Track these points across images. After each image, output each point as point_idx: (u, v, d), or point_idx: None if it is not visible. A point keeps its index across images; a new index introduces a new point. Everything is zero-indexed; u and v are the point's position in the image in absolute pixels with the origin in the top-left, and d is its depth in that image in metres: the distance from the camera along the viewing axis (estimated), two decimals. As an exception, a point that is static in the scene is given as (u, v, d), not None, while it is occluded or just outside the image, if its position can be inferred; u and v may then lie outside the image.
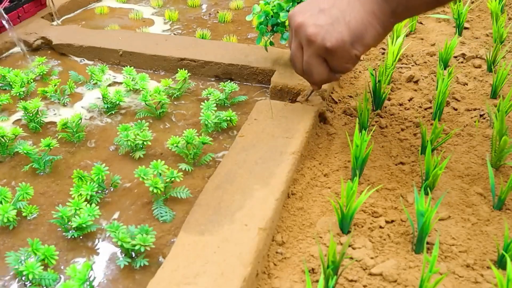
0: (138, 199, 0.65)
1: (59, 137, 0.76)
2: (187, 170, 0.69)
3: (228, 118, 0.76)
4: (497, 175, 0.65)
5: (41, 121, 0.80)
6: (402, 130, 0.76)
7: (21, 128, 0.75)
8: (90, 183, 0.64)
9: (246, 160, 0.64)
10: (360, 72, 0.92)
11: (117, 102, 0.82)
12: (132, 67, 0.91)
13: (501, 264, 0.53)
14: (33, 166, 0.70)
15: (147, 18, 1.22)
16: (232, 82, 0.89)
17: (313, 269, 0.53)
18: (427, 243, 0.55)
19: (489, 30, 1.07)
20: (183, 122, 0.81)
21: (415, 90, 0.87)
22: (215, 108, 0.78)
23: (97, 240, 0.60)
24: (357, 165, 0.64)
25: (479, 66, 0.93)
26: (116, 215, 0.63)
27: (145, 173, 0.62)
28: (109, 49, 0.98)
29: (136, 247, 0.54)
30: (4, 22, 0.98)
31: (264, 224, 0.54)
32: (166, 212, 0.62)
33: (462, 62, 0.95)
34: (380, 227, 0.58)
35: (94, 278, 0.54)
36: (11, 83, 0.88)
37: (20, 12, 1.08)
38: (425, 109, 0.81)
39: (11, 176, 0.70)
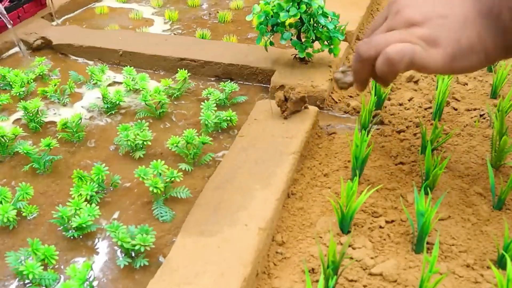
0: (138, 199, 0.65)
1: (59, 137, 0.76)
2: (187, 170, 0.69)
3: (228, 118, 0.76)
4: (497, 175, 0.65)
5: (41, 121, 0.80)
6: (402, 130, 0.76)
7: (21, 128, 0.75)
8: (90, 183, 0.64)
9: (246, 160, 0.64)
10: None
11: (117, 102, 0.82)
12: (132, 67, 0.91)
13: (501, 264, 0.53)
14: (33, 166, 0.70)
15: (147, 18, 1.22)
16: (232, 82, 0.89)
17: (313, 269, 0.53)
18: (427, 243, 0.55)
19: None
20: (183, 122, 0.81)
21: (415, 90, 0.87)
22: (215, 108, 0.78)
23: (97, 240, 0.60)
24: (357, 165, 0.64)
25: (479, 66, 0.93)
26: (116, 215, 0.63)
27: (145, 173, 0.62)
28: (109, 49, 0.98)
29: (136, 247, 0.54)
30: (5, 21, 0.99)
31: (264, 224, 0.54)
32: (166, 212, 0.62)
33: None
34: (380, 227, 0.58)
35: (94, 278, 0.54)
36: (11, 83, 0.88)
37: (20, 12, 1.08)
38: (425, 109, 0.81)
39: (11, 176, 0.70)
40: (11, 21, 1.00)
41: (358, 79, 0.59)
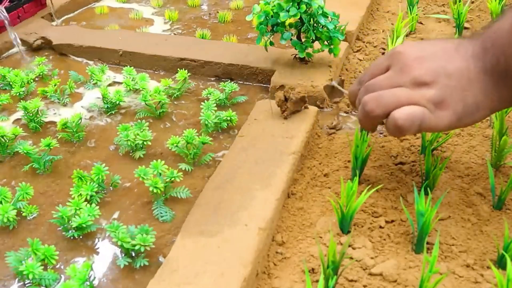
0: (138, 199, 0.65)
1: (59, 137, 0.76)
2: (187, 170, 0.69)
3: (228, 118, 0.76)
4: (497, 175, 0.65)
5: (41, 121, 0.80)
6: (402, 130, 0.75)
7: (21, 128, 0.75)
8: (90, 183, 0.64)
9: (246, 160, 0.64)
10: (360, 72, 0.92)
11: (117, 102, 0.82)
12: (132, 67, 0.91)
13: (501, 264, 0.53)
14: (33, 166, 0.70)
15: (147, 18, 1.22)
16: (232, 82, 0.89)
17: (313, 269, 0.53)
18: (427, 243, 0.55)
19: (489, 30, 1.07)
20: (183, 122, 0.81)
21: (415, 90, 0.86)
22: (215, 108, 0.78)
23: (97, 240, 0.60)
24: (357, 165, 0.64)
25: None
26: (116, 215, 0.63)
27: (145, 173, 0.62)
28: (109, 49, 0.98)
29: (136, 247, 0.54)
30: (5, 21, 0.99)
31: (264, 224, 0.54)
32: (166, 212, 0.62)
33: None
34: (380, 227, 0.58)
35: (94, 278, 0.54)
36: (11, 83, 0.88)
37: (20, 12, 1.08)
38: (425, 109, 0.81)
39: (11, 176, 0.70)
40: (7, 17, 1.00)
41: (365, 129, 0.60)
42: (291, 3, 0.78)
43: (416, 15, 1.05)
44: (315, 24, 0.81)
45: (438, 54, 0.53)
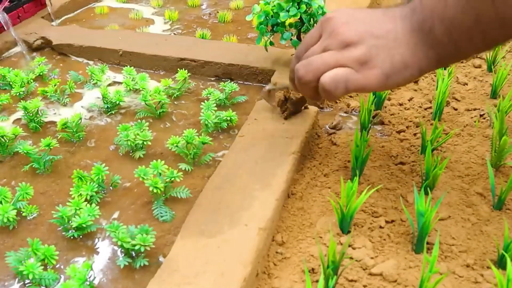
0: (138, 199, 0.65)
1: (59, 137, 0.76)
2: (187, 170, 0.69)
3: (228, 118, 0.76)
4: (497, 175, 0.65)
5: (41, 121, 0.80)
6: (402, 130, 0.76)
7: (21, 128, 0.75)
8: (90, 183, 0.64)
9: (246, 160, 0.64)
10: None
11: (117, 102, 0.82)
12: (132, 67, 0.91)
13: (501, 264, 0.53)
14: (33, 166, 0.70)
15: (147, 18, 1.22)
16: (232, 82, 0.89)
17: (313, 269, 0.53)
18: (427, 243, 0.55)
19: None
20: (183, 122, 0.81)
21: (415, 90, 0.87)
22: (215, 108, 0.78)
23: (97, 240, 0.60)
24: (357, 165, 0.64)
25: (479, 66, 0.93)
26: (116, 215, 0.63)
27: (145, 173, 0.62)
28: (109, 49, 0.98)
29: (136, 247, 0.54)
30: (4, 22, 0.99)
31: (264, 224, 0.54)
32: (166, 212, 0.62)
33: (462, 62, 0.95)
34: (380, 227, 0.58)
35: (94, 278, 0.54)
36: (11, 83, 0.88)
37: (20, 12, 1.08)
38: (425, 109, 0.81)
39: (11, 176, 0.70)
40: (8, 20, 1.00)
41: (306, 96, 0.60)
42: (291, 3, 0.78)
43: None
44: (315, 24, 0.81)
45: (366, 18, 0.55)
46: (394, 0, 1.23)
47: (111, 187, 0.67)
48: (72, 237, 0.60)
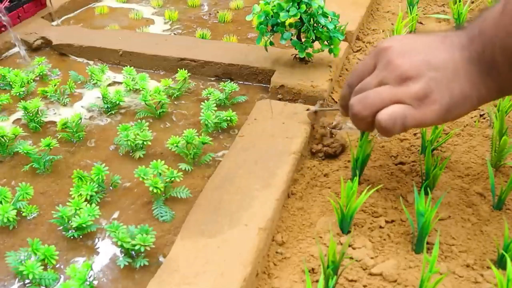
0: (138, 199, 0.65)
1: (59, 137, 0.76)
2: (187, 170, 0.69)
3: (228, 118, 0.76)
4: (497, 175, 0.65)
5: (41, 121, 0.80)
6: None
7: (21, 128, 0.75)
8: (90, 183, 0.64)
9: (246, 160, 0.64)
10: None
11: (117, 102, 0.82)
12: (132, 67, 0.91)
13: (501, 264, 0.53)
14: (33, 166, 0.70)
15: (147, 18, 1.22)
16: (232, 82, 0.89)
17: (313, 269, 0.53)
18: (427, 243, 0.55)
19: (489, 30, 1.07)
20: (183, 122, 0.81)
21: (415, 90, 0.86)
22: (215, 108, 0.78)
23: (97, 240, 0.60)
24: (357, 165, 0.64)
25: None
26: (116, 215, 0.63)
27: (145, 173, 0.62)
28: (109, 49, 0.98)
29: (136, 247, 0.54)
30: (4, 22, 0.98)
31: (264, 224, 0.54)
32: (166, 212, 0.62)
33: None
34: (380, 227, 0.58)
35: (94, 278, 0.54)
36: (11, 83, 0.88)
37: (20, 12, 1.08)
38: (425, 109, 0.81)
39: (11, 176, 0.70)
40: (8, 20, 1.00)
41: (362, 130, 0.59)
42: (291, 3, 0.78)
43: (416, 15, 1.05)
44: (315, 24, 0.81)
45: (422, 47, 0.53)
46: (392, 1, 1.23)
47: (111, 187, 0.67)
48: (72, 237, 0.60)
